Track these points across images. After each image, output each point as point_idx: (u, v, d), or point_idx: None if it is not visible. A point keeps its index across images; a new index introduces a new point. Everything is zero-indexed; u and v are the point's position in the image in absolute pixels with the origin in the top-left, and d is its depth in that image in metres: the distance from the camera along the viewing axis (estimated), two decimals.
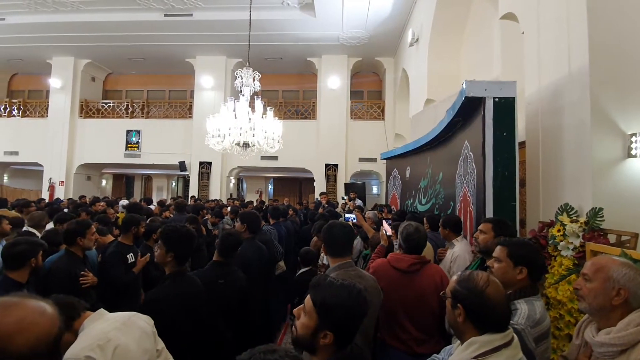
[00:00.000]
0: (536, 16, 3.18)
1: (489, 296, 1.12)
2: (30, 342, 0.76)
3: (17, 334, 0.76)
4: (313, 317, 1.12)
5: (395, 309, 2.07)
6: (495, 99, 2.77)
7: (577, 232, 2.40)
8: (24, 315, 0.78)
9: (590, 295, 1.29)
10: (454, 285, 1.22)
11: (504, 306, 1.14)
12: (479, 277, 1.18)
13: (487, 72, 5.08)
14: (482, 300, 1.12)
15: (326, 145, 10.40)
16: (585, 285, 1.32)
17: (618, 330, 1.21)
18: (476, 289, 1.14)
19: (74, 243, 2.60)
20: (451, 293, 1.21)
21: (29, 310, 0.80)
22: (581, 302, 1.34)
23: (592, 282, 1.30)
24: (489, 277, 1.18)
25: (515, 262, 1.54)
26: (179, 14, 8.80)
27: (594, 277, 1.30)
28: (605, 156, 2.44)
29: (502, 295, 1.16)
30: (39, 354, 0.77)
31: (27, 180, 13.66)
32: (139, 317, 1.44)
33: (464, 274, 1.23)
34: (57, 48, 10.64)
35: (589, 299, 1.30)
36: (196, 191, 10.65)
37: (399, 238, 2.26)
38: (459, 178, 3.61)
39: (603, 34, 2.47)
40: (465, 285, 1.18)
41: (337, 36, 9.30)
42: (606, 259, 1.37)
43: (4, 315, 0.77)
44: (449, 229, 2.88)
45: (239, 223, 3.13)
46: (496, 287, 1.16)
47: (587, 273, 1.33)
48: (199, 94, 10.97)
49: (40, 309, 0.82)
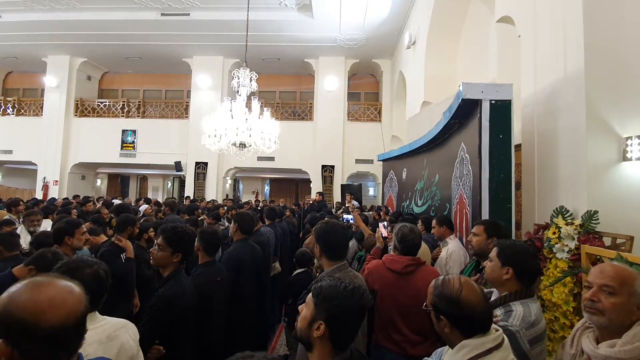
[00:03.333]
0: (532, 19, 3.19)
1: (466, 300, 1.13)
2: (61, 318, 0.83)
3: (48, 310, 0.82)
4: (310, 307, 1.16)
5: (390, 311, 2.06)
6: (491, 102, 2.77)
7: (572, 235, 2.40)
8: (55, 294, 0.85)
9: (613, 310, 1.17)
10: (431, 296, 1.21)
11: (482, 305, 1.14)
12: (451, 283, 1.17)
13: (484, 74, 5.10)
14: (460, 306, 1.12)
15: (323, 147, 10.39)
16: (607, 299, 1.19)
17: (623, 343, 1.13)
18: (452, 297, 1.14)
19: (61, 242, 2.56)
20: (432, 305, 1.21)
21: (59, 289, 0.87)
22: (598, 317, 1.20)
23: (617, 297, 1.17)
24: (461, 280, 1.18)
25: (502, 262, 1.54)
26: (176, 13, 8.77)
27: (621, 290, 1.17)
28: (600, 159, 2.44)
29: (477, 295, 1.15)
30: (67, 329, 0.84)
31: (21, 179, 13.53)
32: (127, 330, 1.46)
33: (438, 282, 1.22)
34: (53, 46, 10.56)
35: (612, 314, 1.17)
36: (192, 191, 10.60)
37: (393, 239, 2.25)
38: (455, 180, 3.61)
39: (599, 37, 2.49)
40: (440, 294, 1.18)
41: (335, 38, 9.31)
42: (628, 270, 1.24)
43: (37, 292, 0.84)
44: (446, 226, 2.90)
45: (232, 223, 3.10)
46: (470, 289, 1.16)
47: (612, 285, 1.19)
48: (196, 94, 10.93)
49: (69, 288, 0.89)
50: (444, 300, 1.16)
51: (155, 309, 1.85)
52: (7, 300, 0.83)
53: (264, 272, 3.45)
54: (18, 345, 0.80)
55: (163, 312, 1.83)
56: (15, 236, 2.75)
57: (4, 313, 0.81)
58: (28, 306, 0.81)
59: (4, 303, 0.83)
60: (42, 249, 2.08)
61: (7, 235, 2.68)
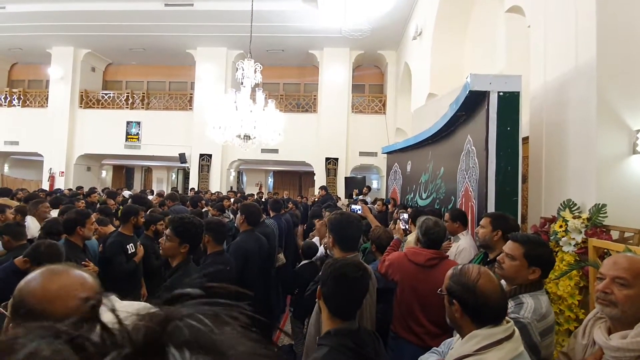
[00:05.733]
0: (543, 9, 3.13)
1: (482, 290, 1.12)
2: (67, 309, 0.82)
3: (55, 300, 0.83)
4: None
5: (411, 303, 2.07)
6: (499, 93, 2.74)
7: (580, 228, 2.39)
8: (66, 284, 0.85)
9: (626, 302, 1.16)
10: (448, 281, 1.22)
11: (498, 298, 1.13)
12: (470, 271, 1.17)
13: (491, 66, 5.04)
14: (475, 294, 1.12)
15: (327, 139, 10.35)
16: (620, 291, 1.18)
17: (636, 334, 1.13)
18: (468, 283, 1.14)
19: (73, 232, 2.60)
20: (446, 289, 1.21)
21: (71, 280, 0.87)
22: (611, 308, 1.20)
23: (631, 289, 1.16)
24: (480, 270, 1.17)
25: (530, 262, 1.48)
26: (180, 4, 8.70)
27: (634, 282, 1.16)
28: (610, 152, 2.42)
29: (495, 286, 1.14)
30: None
31: (27, 170, 13.63)
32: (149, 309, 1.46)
33: (457, 269, 1.23)
34: (57, 37, 10.54)
35: (625, 307, 1.16)
36: (196, 183, 10.64)
37: (417, 232, 2.24)
38: (460, 173, 3.59)
39: (611, 27, 2.44)
40: (457, 280, 1.18)
41: (340, 29, 9.20)
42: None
43: (50, 281, 0.85)
44: (460, 221, 2.84)
45: (239, 214, 3.12)
46: (488, 279, 1.15)
47: (625, 277, 1.18)
48: (200, 85, 10.89)
49: (81, 279, 0.88)
50: (459, 285, 1.16)
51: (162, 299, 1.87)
52: (23, 284, 0.85)
53: (270, 263, 3.48)
54: None
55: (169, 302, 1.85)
56: (21, 226, 2.78)
57: (17, 296, 0.83)
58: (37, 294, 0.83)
59: (20, 286, 0.84)
60: (38, 241, 2.12)
61: (13, 225, 2.72)
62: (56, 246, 2.03)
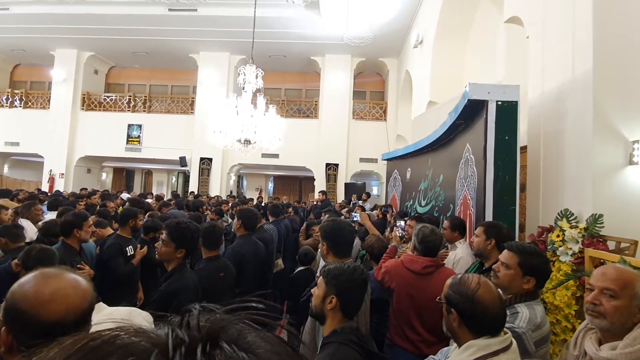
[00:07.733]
0: (541, 20, 3.17)
1: (480, 299, 1.12)
2: (60, 312, 0.83)
3: (48, 304, 0.83)
4: (322, 286, 1.39)
5: (407, 310, 2.06)
6: (498, 102, 2.76)
7: (577, 238, 2.39)
8: (59, 287, 0.85)
9: (615, 313, 1.16)
10: (447, 290, 1.22)
11: (497, 308, 1.13)
12: (469, 280, 1.18)
13: (491, 75, 5.07)
14: (474, 304, 1.12)
15: (327, 145, 10.38)
16: (608, 302, 1.18)
17: (625, 345, 1.13)
18: (467, 293, 1.14)
19: (70, 235, 2.59)
20: (445, 298, 1.21)
21: (64, 283, 0.87)
22: (600, 320, 1.20)
23: (618, 300, 1.17)
24: (480, 280, 1.17)
25: (524, 271, 1.48)
26: (183, 8, 8.79)
27: (622, 294, 1.17)
28: (606, 162, 2.43)
29: (494, 297, 1.14)
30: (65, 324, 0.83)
31: (27, 171, 13.64)
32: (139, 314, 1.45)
33: (456, 278, 1.23)
34: (61, 40, 10.62)
35: (613, 318, 1.17)
36: (196, 187, 10.64)
37: (413, 239, 2.25)
38: (459, 181, 3.60)
39: (608, 39, 2.47)
40: (456, 289, 1.18)
41: (342, 36, 9.28)
42: (629, 272, 1.24)
43: (43, 284, 0.85)
44: (459, 231, 2.81)
45: (236, 219, 3.12)
46: (487, 289, 1.15)
47: (612, 288, 1.18)
48: (202, 89, 10.95)
49: (74, 283, 0.88)
50: (458, 294, 1.16)
51: (156, 304, 1.87)
52: (15, 288, 0.84)
53: (267, 269, 3.47)
54: (16, 335, 0.81)
55: (164, 306, 1.85)
56: (19, 228, 2.78)
57: (9, 300, 0.83)
58: (29, 297, 0.82)
59: (13, 290, 0.84)
60: (30, 245, 2.12)
61: (11, 227, 2.71)
62: (48, 251, 2.02)
